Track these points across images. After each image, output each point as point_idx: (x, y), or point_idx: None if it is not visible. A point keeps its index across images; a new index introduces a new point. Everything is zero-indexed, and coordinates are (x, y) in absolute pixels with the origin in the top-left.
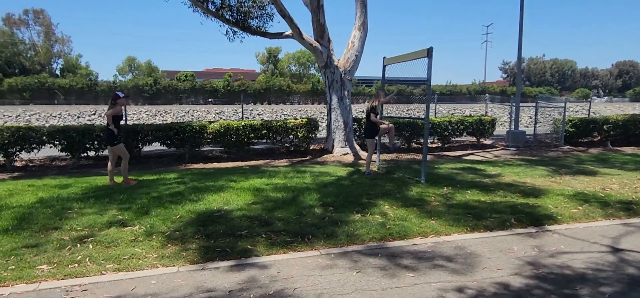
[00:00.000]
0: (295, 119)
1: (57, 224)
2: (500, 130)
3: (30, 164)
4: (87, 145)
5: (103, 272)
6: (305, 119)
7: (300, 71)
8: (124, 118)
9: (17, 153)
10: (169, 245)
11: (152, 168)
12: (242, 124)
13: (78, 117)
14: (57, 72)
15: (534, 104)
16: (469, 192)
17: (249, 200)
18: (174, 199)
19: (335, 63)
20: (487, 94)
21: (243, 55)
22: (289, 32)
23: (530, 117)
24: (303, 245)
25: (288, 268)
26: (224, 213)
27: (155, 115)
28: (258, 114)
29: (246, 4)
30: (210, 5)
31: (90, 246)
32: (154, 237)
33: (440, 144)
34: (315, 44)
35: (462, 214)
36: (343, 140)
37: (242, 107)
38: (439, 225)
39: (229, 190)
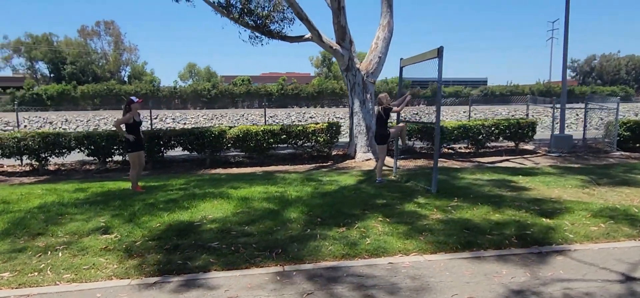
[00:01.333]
0: (316, 124)
1: (43, 230)
2: (547, 134)
3: (62, 168)
4: (113, 150)
5: (57, 283)
6: (326, 123)
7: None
8: (150, 122)
9: (48, 158)
10: (135, 256)
11: (172, 172)
12: (261, 129)
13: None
14: (125, 79)
15: (583, 106)
16: (479, 205)
17: (237, 210)
18: (165, 207)
19: (357, 66)
20: (528, 95)
21: (298, 59)
22: (308, 35)
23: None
24: (268, 261)
25: (237, 288)
26: (203, 223)
27: (212, 119)
28: (310, 117)
29: (266, 9)
30: (232, 10)
31: (60, 254)
32: (125, 246)
33: (473, 149)
34: (336, 46)
35: (457, 231)
36: (365, 145)
37: (264, 111)
38: (425, 243)
39: (224, 198)
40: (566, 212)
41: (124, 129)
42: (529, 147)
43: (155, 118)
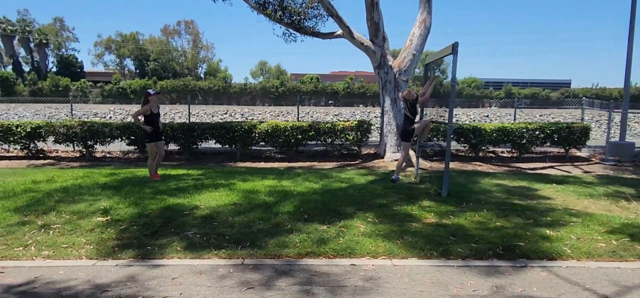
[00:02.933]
0: (346, 121)
1: (51, 209)
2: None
3: (108, 155)
4: None
5: (34, 258)
6: (356, 122)
7: (422, 72)
8: (189, 115)
9: (94, 145)
10: (113, 238)
11: (202, 164)
12: (290, 125)
13: (212, 116)
14: (202, 75)
15: None
16: (484, 212)
17: (234, 201)
18: (171, 194)
19: (390, 63)
20: (583, 98)
21: (368, 58)
22: (339, 31)
23: None
24: (233, 252)
25: (185, 274)
26: (193, 211)
27: (278, 116)
28: (375, 116)
29: (300, 6)
30: (268, 7)
31: (51, 232)
32: (110, 229)
33: (516, 154)
34: (367, 43)
35: (442, 238)
36: (395, 144)
37: (297, 108)
38: (400, 247)
39: (229, 189)
40: (579, 225)
41: (143, 120)
42: (583, 153)
43: (226, 113)
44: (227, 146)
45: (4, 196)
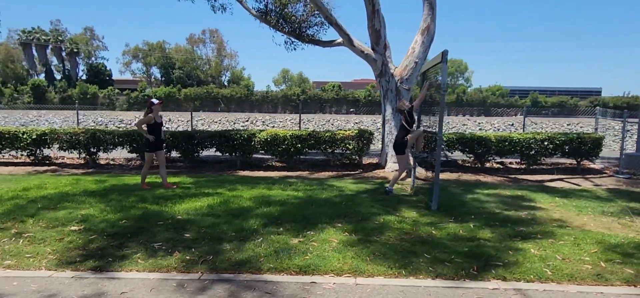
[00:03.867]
0: (346, 131)
1: (30, 217)
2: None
3: (111, 163)
4: None
5: None
6: (356, 130)
7: (448, 81)
8: (191, 123)
9: (97, 152)
10: (80, 249)
11: (201, 172)
12: (289, 134)
13: (234, 123)
14: (226, 83)
15: None
16: (470, 227)
17: (212, 211)
18: (156, 202)
19: (392, 71)
20: (597, 108)
21: None
22: (340, 39)
23: None
24: (192, 266)
25: (140, 289)
26: (167, 221)
27: (298, 124)
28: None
29: (300, 14)
30: (270, 16)
31: (21, 241)
32: (80, 238)
33: (524, 165)
34: (368, 51)
35: (417, 254)
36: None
37: (299, 117)
38: (370, 263)
39: (211, 198)
40: (569, 244)
41: (146, 129)
42: (596, 166)
43: (247, 120)
44: (227, 154)
45: None
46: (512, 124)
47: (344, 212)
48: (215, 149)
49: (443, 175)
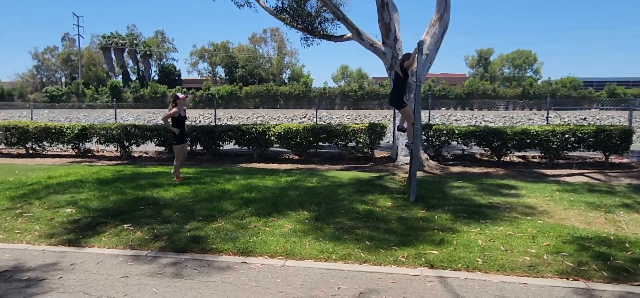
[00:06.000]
0: (357, 124)
1: (39, 199)
2: None
3: (145, 155)
4: None
5: None
6: (367, 124)
7: (514, 73)
8: (215, 118)
9: (129, 146)
10: (64, 225)
11: (219, 164)
12: (302, 127)
13: (292, 119)
14: (286, 80)
15: None
16: (433, 217)
17: (194, 197)
18: (151, 188)
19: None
20: (632, 97)
21: (454, 59)
22: (349, 34)
23: None
24: (147, 244)
25: (90, 262)
26: (149, 206)
27: (356, 118)
28: (455, 120)
29: (314, 11)
30: (285, 14)
31: (20, 219)
32: (69, 217)
33: (546, 160)
34: (377, 44)
35: (361, 241)
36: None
37: (316, 112)
38: (310, 248)
39: (202, 185)
40: (526, 236)
41: (171, 123)
42: (626, 160)
43: (304, 116)
44: (245, 148)
45: (13, 186)
46: (585, 118)
47: (319, 200)
48: (234, 143)
49: (453, 168)
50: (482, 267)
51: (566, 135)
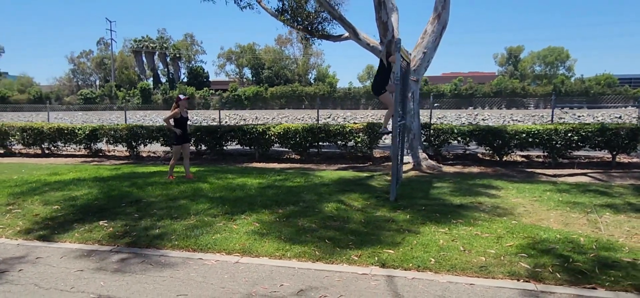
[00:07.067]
0: (355, 124)
1: (35, 195)
2: None
3: (152, 154)
4: None
5: None
6: (365, 124)
7: (546, 71)
8: (219, 119)
9: (137, 146)
10: (44, 221)
11: (223, 164)
12: (300, 127)
13: (316, 120)
14: (312, 81)
15: None
16: (403, 216)
17: (174, 195)
18: (138, 186)
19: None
20: None
21: (483, 58)
22: (346, 34)
23: None
24: (113, 240)
25: (54, 255)
26: (130, 204)
27: (381, 119)
28: (483, 119)
29: (313, 11)
30: (285, 15)
31: (8, 215)
32: (50, 213)
33: (550, 159)
34: (374, 43)
35: (322, 238)
36: (405, 147)
37: (317, 112)
38: (269, 245)
39: (186, 184)
40: (490, 237)
41: (173, 124)
42: (635, 159)
43: (328, 116)
44: (247, 148)
45: (14, 184)
46: (620, 117)
47: (296, 199)
48: (236, 142)
49: (452, 168)
50: (433, 267)
51: (569, 134)
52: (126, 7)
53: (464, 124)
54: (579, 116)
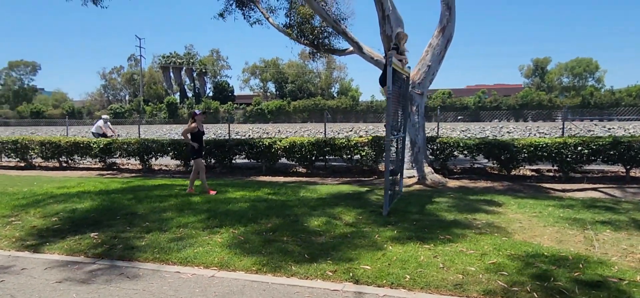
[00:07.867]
0: (360, 137)
1: (39, 208)
2: None
3: (164, 168)
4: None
5: None
6: (371, 137)
7: (574, 82)
8: (229, 132)
9: (149, 160)
10: (36, 232)
11: (230, 177)
12: (306, 140)
13: (338, 133)
14: (335, 94)
15: None
16: (390, 232)
17: (163, 207)
18: (137, 199)
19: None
20: None
21: (508, 70)
22: (351, 48)
23: None
24: (94, 252)
25: (35, 266)
26: (122, 216)
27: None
28: (508, 132)
29: (318, 26)
30: (292, 31)
31: (7, 227)
32: (47, 225)
33: (560, 174)
34: (377, 57)
35: (301, 254)
36: (409, 161)
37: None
38: (248, 260)
39: (179, 199)
40: (474, 254)
41: (190, 138)
42: None
43: (350, 130)
44: (254, 161)
45: (21, 197)
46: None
47: (288, 212)
48: (244, 156)
49: (458, 182)
50: (407, 284)
51: (579, 148)
52: (156, 23)
53: (469, 137)
54: (610, 128)
